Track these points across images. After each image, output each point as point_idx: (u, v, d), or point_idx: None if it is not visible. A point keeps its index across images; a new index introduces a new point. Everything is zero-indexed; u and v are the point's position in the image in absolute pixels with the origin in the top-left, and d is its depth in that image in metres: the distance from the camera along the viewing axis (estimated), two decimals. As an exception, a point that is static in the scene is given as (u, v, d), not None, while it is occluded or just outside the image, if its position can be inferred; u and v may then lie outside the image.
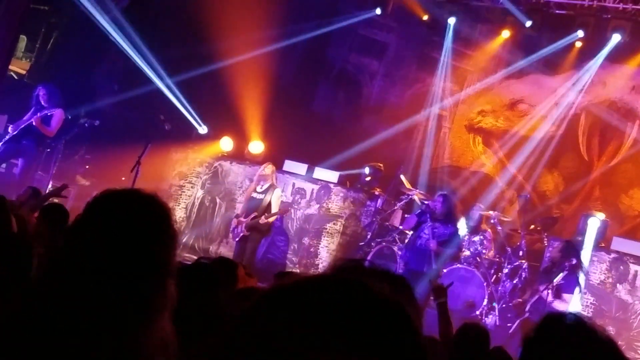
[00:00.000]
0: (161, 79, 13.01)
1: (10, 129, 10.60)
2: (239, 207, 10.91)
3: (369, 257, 10.52)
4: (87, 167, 13.03)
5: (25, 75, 13.34)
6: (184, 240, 12.17)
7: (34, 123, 10.36)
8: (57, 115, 10.49)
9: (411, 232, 10.02)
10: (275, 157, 12.72)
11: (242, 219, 10.35)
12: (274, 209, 10.29)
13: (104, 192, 1.81)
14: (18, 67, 13.25)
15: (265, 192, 10.31)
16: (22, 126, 10.44)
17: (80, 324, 1.55)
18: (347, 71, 15.50)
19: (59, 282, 1.63)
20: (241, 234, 10.21)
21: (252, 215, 10.22)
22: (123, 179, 11.85)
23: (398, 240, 11.21)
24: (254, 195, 10.39)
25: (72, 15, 12.91)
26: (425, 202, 9.92)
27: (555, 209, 13.30)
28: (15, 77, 13.08)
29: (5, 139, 10.55)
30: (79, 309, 1.57)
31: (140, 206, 1.73)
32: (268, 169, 10.43)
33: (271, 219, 10.33)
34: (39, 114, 10.44)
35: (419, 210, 9.82)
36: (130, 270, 1.63)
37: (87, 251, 1.65)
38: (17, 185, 9.98)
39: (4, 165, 11.04)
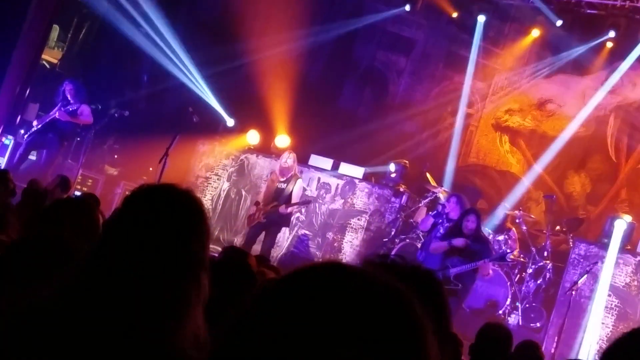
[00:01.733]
0: (190, 72, 13.11)
1: (35, 122, 10.77)
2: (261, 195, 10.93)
3: (392, 254, 10.53)
4: (115, 156, 13.16)
5: (57, 64, 13.49)
6: (208, 232, 12.25)
7: (60, 118, 10.51)
8: (85, 109, 10.66)
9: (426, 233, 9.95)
10: (301, 152, 12.77)
11: (261, 206, 10.35)
12: (295, 199, 10.30)
13: (141, 186, 1.86)
14: (50, 56, 13.41)
15: (287, 181, 10.32)
16: (47, 120, 10.60)
17: (116, 317, 1.60)
18: (374, 68, 15.50)
19: (96, 276, 1.67)
20: (256, 220, 10.20)
21: (273, 204, 10.21)
22: (150, 169, 11.98)
23: (422, 237, 11.22)
24: (277, 185, 10.38)
25: (104, 6, 13.04)
26: (441, 203, 9.87)
27: (581, 210, 13.22)
28: (48, 67, 13.23)
29: (31, 131, 10.71)
30: (115, 302, 1.61)
31: (176, 201, 1.78)
32: (290, 159, 10.41)
33: (290, 209, 10.34)
34: (63, 109, 10.59)
35: (435, 212, 9.77)
36: (167, 264, 1.67)
37: (125, 244, 1.70)
38: (41, 175, 10.15)
39: (33, 153, 11.19)
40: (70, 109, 10.64)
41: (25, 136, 10.88)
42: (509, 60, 14.34)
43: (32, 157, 11.26)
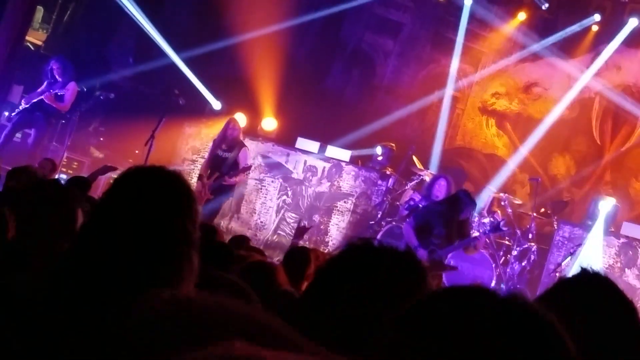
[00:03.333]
0: (176, 53, 13.04)
1: (23, 102, 10.70)
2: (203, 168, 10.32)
3: (378, 236, 10.58)
4: (101, 139, 13.11)
5: (42, 46, 13.40)
6: (195, 214, 12.26)
7: (45, 100, 10.45)
8: (71, 89, 10.57)
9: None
10: (288, 135, 12.78)
11: (205, 180, 9.90)
12: (240, 167, 9.99)
13: (130, 168, 1.90)
14: (35, 38, 13.31)
15: (230, 149, 9.98)
16: (34, 100, 10.53)
17: (108, 295, 1.62)
18: (361, 50, 15.47)
19: (87, 256, 1.69)
20: (205, 198, 9.70)
21: (216, 175, 9.87)
22: (137, 152, 11.94)
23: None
24: (219, 153, 10.01)
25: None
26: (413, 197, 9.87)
27: (566, 192, 13.31)
28: (32, 48, 13.14)
29: (18, 110, 10.65)
30: (108, 280, 1.64)
31: (166, 182, 1.81)
32: (236, 129, 10.06)
33: (235, 179, 10.03)
34: (51, 90, 10.51)
35: (407, 205, 9.78)
36: (158, 244, 1.70)
37: (116, 225, 1.72)
38: (29, 155, 10.08)
39: (19, 134, 11.13)
40: (58, 93, 10.55)
41: (13, 114, 10.81)
42: (496, 43, 14.36)
43: (17, 138, 11.20)
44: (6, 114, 11.18)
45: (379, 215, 11.43)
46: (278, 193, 12.19)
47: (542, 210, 11.46)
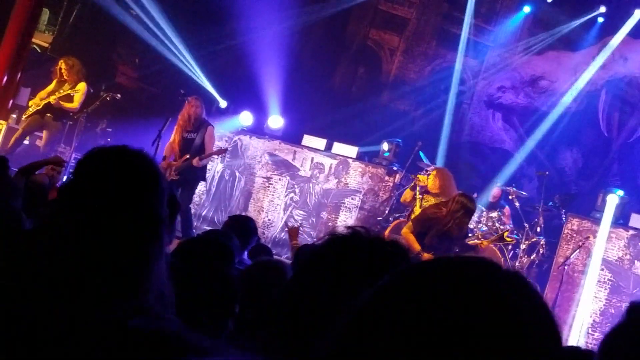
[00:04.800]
0: (182, 53, 13.08)
1: (30, 103, 10.74)
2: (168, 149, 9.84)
3: (386, 232, 10.58)
4: (108, 140, 13.16)
5: (48, 48, 13.46)
6: (203, 213, 12.30)
7: (52, 103, 10.48)
8: (81, 90, 10.59)
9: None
10: (295, 132, 12.79)
11: (171, 161, 9.54)
12: (208, 150, 9.72)
13: (93, 149, 1.87)
14: (41, 40, 13.37)
15: (196, 130, 9.69)
16: (45, 102, 10.57)
17: (79, 278, 1.61)
18: (366, 47, 15.48)
19: (55, 238, 1.69)
20: (169, 178, 9.29)
21: (184, 158, 9.54)
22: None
23: (416, 215, 11.28)
24: (185, 135, 9.66)
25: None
26: (417, 176, 9.80)
27: (573, 185, 13.28)
28: (39, 50, 13.20)
29: (29, 113, 10.69)
30: (77, 262, 1.63)
31: (130, 160, 1.79)
32: (197, 106, 9.73)
33: (205, 161, 9.77)
34: (57, 93, 10.55)
35: (412, 184, 9.72)
36: (125, 222, 1.68)
37: (82, 206, 1.71)
38: (41, 157, 10.12)
39: (27, 138, 11.18)
40: (70, 94, 10.57)
41: (24, 117, 10.85)
42: (501, 37, 14.35)
43: (26, 141, 11.25)
44: (14, 116, 11.23)
45: (386, 211, 11.43)
46: (285, 191, 12.21)
47: (550, 203, 11.43)
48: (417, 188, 9.36)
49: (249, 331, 2.35)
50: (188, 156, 9.49)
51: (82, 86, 10.60)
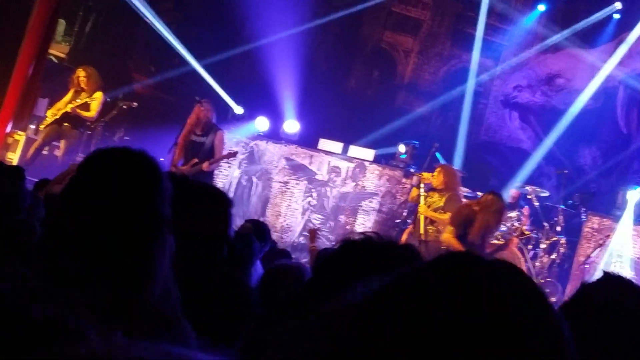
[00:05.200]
0: (197, 60, 13.13)
1: (48, 113, 10.81)
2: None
3: (404, 235, 10.55)
4: (126, 148, 13.22)
5: (65, 58, 13.57)
6: (222, 219, 12.32)
7: (69, 112, 10.54)
8: (98, 99, 10.64)
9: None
10: (311, 136, 12.80)
11: (179, 166, 9.29)
12: (218, 154, 9.51)
13: (94, 151, 1.87)
14: (58, 50, 13.47)
15: (206, 134, 9.48)
16: (62, 111, 10.63)
17: (84, 279, 1.62)
18: (381, 49, 15.47)
19: (59, 240, 1.69)
20: None
21: (194, 162, 9.35)
22: (162, 159, 12.02)
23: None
24: (194, 138, 9.45)
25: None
26: (421, 175, 9.74)
27: (593, 183, 13.18)
28: (55, 61, 13.30)
29: (47, 123, 10.76)
30: (81, 263, 1.63)
31: (130, 160, 1.78)
32: (206, 106, 9.55)
33: (215, 165, 9.57)
34: (74, 101, 10.61)
35: (417, 181, 9.68)
36: (127, 221, 1.68)
37: (85, 208, 1.70)
38: (59, 167, 10.17)
39: (47, 148, 11.25)
40: (87, 102, 10.62)
41: (41, 127, 10.92)
42: (516, 36, 14.28)
43: (45, 151, 11.33)
44: (32, 127, 11.31)
45: (404, 213, 11.40)
46: (303, 195, 12.23)
47: (570, 202, 11.35)
48: (422, 185, 9.29)
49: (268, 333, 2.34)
50: (197, 160, 9.31)
51: (99, 95, 10.65)
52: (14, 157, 10.87)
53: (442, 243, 8.24)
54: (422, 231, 9.03)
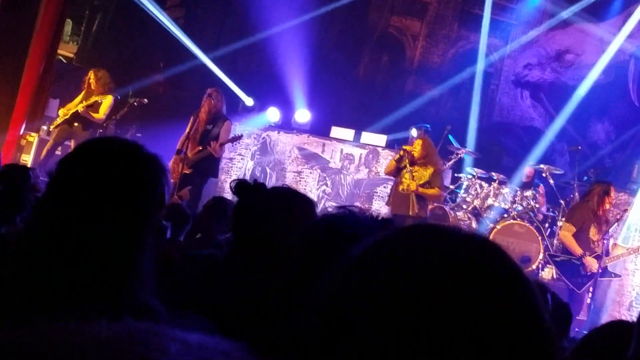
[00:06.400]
0: (205, 54, 13.14)
1: (60, 113, 10.86)
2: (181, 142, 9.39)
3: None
4: (139, 145, 13.25)
5: (74, 58, 13.62)
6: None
7: (80, 112, 10.59)
8: (107, 101, 10.68)
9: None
10: (322, 124, 12.80)
11: (182, 155, 9.17)
12: (223, 140, 9.44)
13: (87, 140, 1.86)
14: (66, 50, 13.53)
15: (214, 122, 9.43)
16: (72, 111, 10.69)
17: (66, 274, 1.60)
18: (388, 34, 15.42)
19: (42, 234, 1.66)
20: (182, 172, 8.86)
21: (197, 150, 9.28)
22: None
23: (449, 200, 11.23)
24: (201, 127, 9.41)
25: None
26: (403, 148, 9.68)
27: (607, 158, 13.11)
28: (64, 61, 13.36)
29: (57, 123, 10.81)
30: (64, 257, 1.61)
31: (123, 149, 1.77)
32: (217, 95, 9.52)
33: (220, 150, 9.46)
34: (85, 102, 10.66)
35: (398, 157, 9.64)
36: (111, 212, 1.66)
37: (73, 194, 1.69)
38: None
39: (59, 149, 11.31)
40: (95, 101, 10.68)
41: (52, 127, 10.98)
42: (524, 14, 14.19)
43: (58, 152, 11.39)
44: (44, 128, 11.37)
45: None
46: (317, 184, 12.24)
47: (585, 178, 11.29)
48: (406, 160, 9.25)
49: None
50: (201, 148, 9.26)
51: (108, 98, 10.70)
52: (28, 159, 10.94)
53: (560, 240, 8.49)
54: (415, 209, 9.04)
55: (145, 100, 11.65)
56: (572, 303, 5.51)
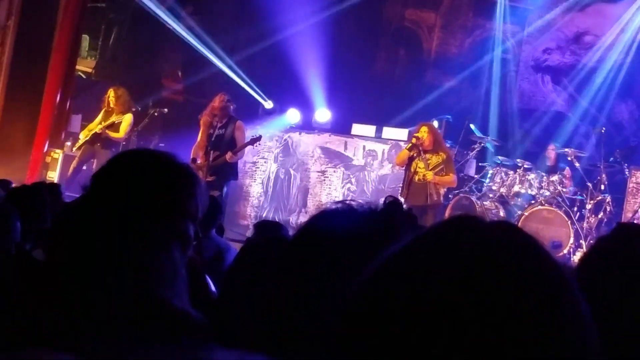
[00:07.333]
0: (222, 60, 13.19)
1: (81, 135, 10.96)
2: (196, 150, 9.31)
3: (448, 210, 10.50)
4: (163, 155, 13.33)
5: (92, 73, 13.76)
6: (264, 215, 12.38)
7: (98, 132, 10.66)
8: (127, 120, 10.74)
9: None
10: (343, 122, 12.79)
11: (200, 162, 9.07)
12: (240, 142, 9.31)
13: (120, 152, 1.87)
14: (84, 66, 13.66)
15: (225, 126, 9.29)
16: (93, 132, 10.78)
17: (106, 277, 1.61)
18: (404, 27, 15.37)
19: (82, 236, 1.67)
20: (205, 180, 8.54)
21: (215, 155, 9.15)
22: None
23: (475, 190, 11.17)
24: (212, 131, 9.26)
25: (129, 8, 13.22)
26: (414, 136, 9.58)
27: (632, 137, 12.95)
28: (84, 77, 13.49)
29: (79, 145, 10.91)
30: (101, 265, 1.60)
31: (154, 161, 1.75)
32: (222, 97, 9.39)
33: (239, 155, 9.39)
34: (104, 122, 10.72)
35: (410, 145, 9.55)
36: (152, 222, 1.64)
37: (110, 205, 1.67)
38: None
39: (85, 166, 11.42)
40: (113, 122, 10.74)
41: (74, 149, 11.09)
42: (540, -2, 14.07)
43: (85, 167, 11.50)
44: (68, 144, 11.48)
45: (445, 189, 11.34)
46: (342, 182, 12.23)
47: (611, 159, 11.17)
48: (420, 149, 9.20)
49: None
50: (218, 153, 9.16)
51: (128, 117, 10.77)
52: (54, 176, 11.06)
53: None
54: (434, 198, 9.14)
55: (166, 110, 11.74)
56: None
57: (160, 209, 1.68)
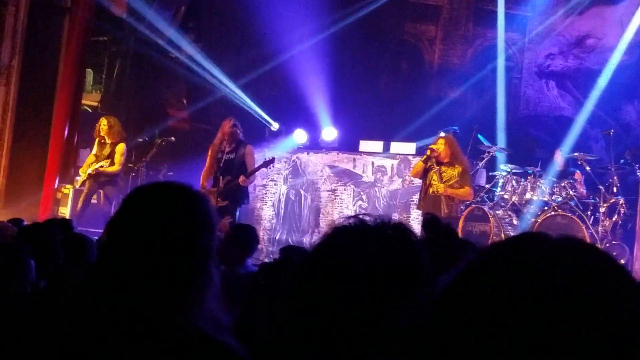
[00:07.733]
0: (226, 85, 13.23)
1: (81, 172, 10.94)
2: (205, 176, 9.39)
3: (461, 221, 10.45)
4: (172, 184, 13.35)
5: (98, 106, 13.81)
6: (277, 237, 12.36)
7: (92, 174, 10.59)
8: (119, 150, 10.67)
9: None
10: (350, 140, 12.79)
11: (209, 188, 9.09)
12: (250, 167, 9.28)
13: (138, 186, 1.89)
14: (90, 100, 13.72)
15: (235, 150, 9.25)
16: (96, 167, 10.76)
17: (128, 314, 1.63)
18: (405, 41, 15.40)
19: (105, 274, 1.71)
20: (218, 206, 8.59)
21: (227, 179, 9.14)
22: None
23: (487, 199, 11.11)
24: (223, 157, 9.24)
25: (130, 41, 13.30)
26: (429, 147, 9.56)
27: (641, 137, 12.92)
28: (90, 110, 13.54)
29: (81, 182, 10.89)
30: (123, 301, 1.65)
31: (179, 195, 1.79)
32: (230, 124, 9.31)
33: (252, 178, 9.36)
34: (95, 163, 10.64)
35: (425, 157, 9.53)
36: (175, 258, 1.69)
37: (131, 242, 1.71)
38: (105, 215, 10.25)
39: (95, 197, 11.42)
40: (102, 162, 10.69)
41: (77, 186, 11.05)
42: (539, 4, 14.08)
43: (94, 200, 11.51)
44: (78, 179, 11.50)
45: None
46: (353, 200, 12.21)
47: (622, 160, 11.10)
48: (433, 160, 9.17)
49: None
50: (230, 178, 9.14)
51: (120, 147, 10.68)
52: (65, 211, 11.07)
53: None
54: (446, 210, 8.98)
55: (173, 138, 11.76)
56: None
57: (188, 236, 1.72)
